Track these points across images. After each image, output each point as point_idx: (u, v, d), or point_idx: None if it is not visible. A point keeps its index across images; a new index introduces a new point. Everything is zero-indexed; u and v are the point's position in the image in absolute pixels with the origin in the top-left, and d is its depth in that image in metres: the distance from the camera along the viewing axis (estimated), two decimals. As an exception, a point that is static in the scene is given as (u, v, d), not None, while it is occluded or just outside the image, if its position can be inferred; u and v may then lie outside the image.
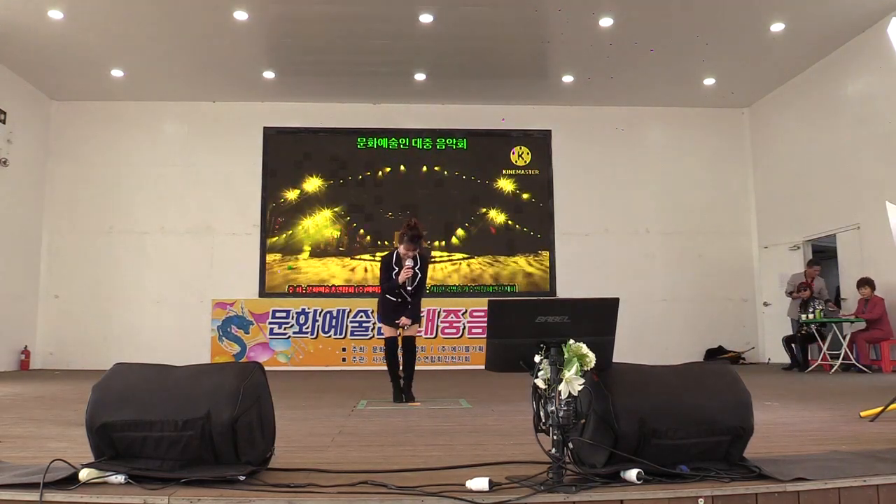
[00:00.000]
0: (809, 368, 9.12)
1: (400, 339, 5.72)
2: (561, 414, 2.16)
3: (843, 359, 8.70)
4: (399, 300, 5.68)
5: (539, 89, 11.06)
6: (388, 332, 5.78)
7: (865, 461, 2.54)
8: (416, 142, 11.63)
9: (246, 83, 10.75)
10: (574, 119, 11.75)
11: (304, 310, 11.04)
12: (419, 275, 5.68)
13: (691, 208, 11.66)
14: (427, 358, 10.67)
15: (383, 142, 11.59)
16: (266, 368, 2.67)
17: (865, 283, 8.74)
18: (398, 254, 5.67)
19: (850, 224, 9.51)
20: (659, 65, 10.10)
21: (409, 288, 5.66)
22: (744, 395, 2.45)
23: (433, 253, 11.22)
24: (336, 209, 11.45)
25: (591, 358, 2.21)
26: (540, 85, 10.89)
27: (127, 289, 10.99)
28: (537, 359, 2.23)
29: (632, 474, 2.23)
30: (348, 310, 11.06)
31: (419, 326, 5.93)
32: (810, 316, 9.03)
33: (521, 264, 11.51)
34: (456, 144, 11.66)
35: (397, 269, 5.64)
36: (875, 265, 8.99)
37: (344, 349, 10.98)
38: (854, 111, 9.39)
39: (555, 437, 2.18)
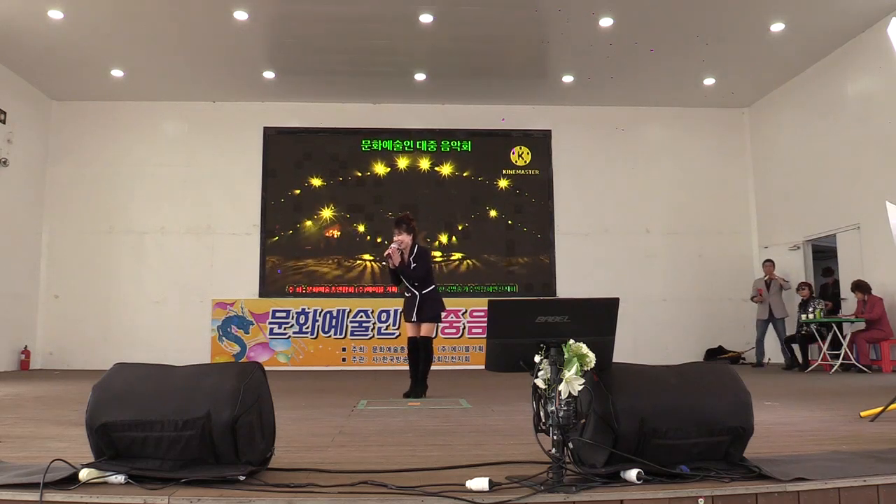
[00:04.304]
0: (809, 368, 9.12)
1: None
2: (561, 414, 2.16)
3: (843, 359, 8.70)
4: (409, 294, 6.04)
5: (539, 89, 11.06)
6: (408, 331, 6.10)
7: (865, 461, 2.54)
8: (420, 144, 11.62)
9: (246, 83, 10.75)
10: (574, 119, 11.75)
11: (304, 310, 11.04)
12: (413, 263, 5.96)
13: (691, 208, 11.66)
14: (427, 358, 10.66)
15: (388, 144, 11.58)
16: (266, 368, 2.67)
17: (857, 287, 8.74)
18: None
19: (850, 224, 9.51)
20: (659, 65, 10.11)
21: (413, 281, 5.97)
22: (744, 395, 2.45)
23: (434, 253, 11.21)
24: (336, 209, 11.45)
25: (591, 358, 2.21)
26: (540, 85, 10.89)
27: (127, 289, 10.99)
28: (537, 359, 2.23)
29: (632, 474, 2.23)
30: (348, 310, 11.06)
31: (433, 326, 6.08)
32: (810, 316, 9.04)
33: (521, 264, 11.51)
34: (461, 147, 11.66)
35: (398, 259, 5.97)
36: (875, 265, 8.99)
37: (344, 349, 10.98)
38: (854, 111, 9.39)
39: (555, 437, 2.18)
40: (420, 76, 10.56)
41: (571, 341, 2.22)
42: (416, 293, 5.97)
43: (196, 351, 10.56)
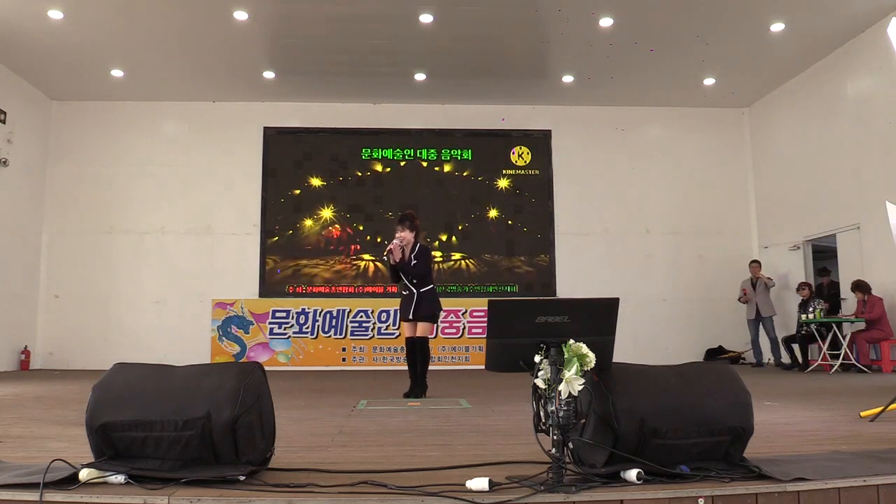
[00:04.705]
0: (809, 368, 9.12)
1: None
2: (561, 414, 2.16)
3: (843, 359, 8.70)
4: (407, 292, 6.02)
5: (539, 89, 11.06)
6: (405, 331, 6.11)
7: (865, 461, 2.55)
8: (421, 153, 11.62)
9: (246, 83, 10.75)
10: (574, 119, 11.75)
11: (304, 310, 11.04)
12: (414, 260, 5.96)
13: (691, 208, 11.66)
14: (427, 358, 10.66)
15: (388, 153, 11.57)
16: (266, 368, 2.67)
17: (857, 287, 8.74)
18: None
19: (850, 224, 9.51)
20: (659, 65, 10.11)
21: (412, 279, 5.96)
22: (744, 395, 2.45)
23: (433, 253, 11.21)
24: (336, 209, 11.45)
25: (591, 358, 2.21)
26: (540, 85, 10.89)
27: (127, 289, 10.99)
28: (537, 359, 2.23)
29: (632, 474, 2.23)
30: (348, 310, 11.06)
31: (430, 326, 6.07)
32: (810, 316, 9.04)
33: (520, 264, 11.51)
34: (461, 156, 11.65)
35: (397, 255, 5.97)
36: (875, 265, 8.99)
37: (344, 349, 10.98)
38: (854, 111, 9.39)
39: (555, 437, 2.18)
40: (420, 76, 10.56)
41: (571, 341, 2.22)
42: (414, 291, 5.96)
43: (196, 351, 10.56)
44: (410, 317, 5.96)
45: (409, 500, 2.10)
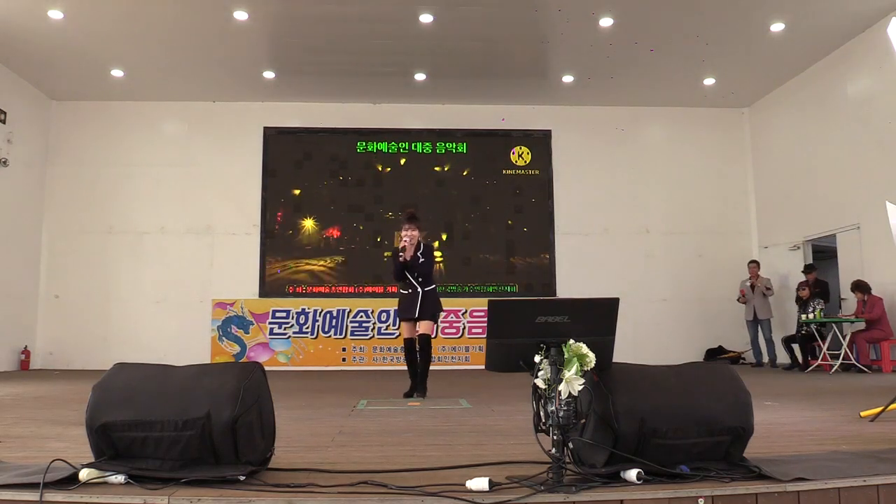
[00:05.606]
0: (809, 368, 9.12)
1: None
2: (561, 414, 2.16)
3: (843, 359, 8.70)
4: (409, 291, 5.97)
5: (539, 89, 11.06)
6: (404, 331, 6.05)
7: (866, 461, 2.55)
8: (416, 146, 11.63)
9: (246, 83, 10.75)
10: (574, 119, 11.75)
11: (304, 310, 11.04)
12: (420, 258, 5.96)
13: (691, 208, 11.66)
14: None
15: (383, 146, 11.58)
16: (266, 368, 2.67)
17: (857, 287, 8.74)
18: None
19: (850, 224, 9.51)
20: (659, 65, 10.11)
21: (417, 277, 5.94)
22: (744, 395, 2.45)
23: (435, 253, 11.20)
24: (336, 209, 11.44)
25: (591, 358, 2.21)
26: (540, 85, 10.89)
27: (127, 289, 10.99)
28: (537, 359, 2.23)
29: (632, 474, 2.23)
30: (348, 310, 11.06)
31: (433, 324, 6.07)
32: (810, 316, 9.04)
33: (521, 264, 11.51)
34: (456, 148, 11.65)
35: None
36: (875, 265, 8.99)
37: (344, 349, 10.98)
38: (854, 111, 9.39)
39: (555, 437, 2.18)
40: (420, 76, 10.56)
41: (571, 341, 2.22)
42: (420, 290, 5.93)
43: (196, 351, 10.56)
44: (415, 315, 5.92)
45: (409, 500, 2.10)
